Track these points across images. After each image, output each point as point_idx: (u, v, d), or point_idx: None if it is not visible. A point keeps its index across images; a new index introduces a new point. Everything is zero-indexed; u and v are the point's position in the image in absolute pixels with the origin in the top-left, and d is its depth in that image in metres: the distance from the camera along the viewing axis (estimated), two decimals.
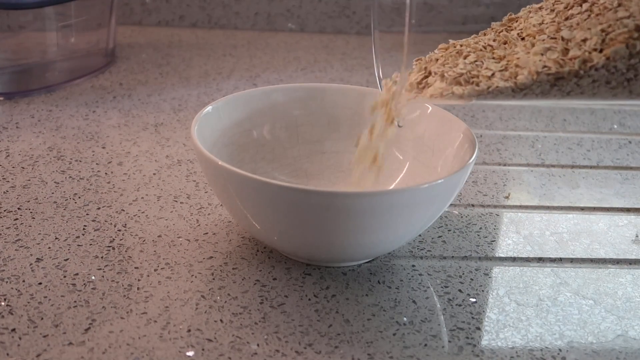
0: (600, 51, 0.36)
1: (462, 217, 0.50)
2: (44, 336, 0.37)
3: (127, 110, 0.64)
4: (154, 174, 0.53)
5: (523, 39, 0.40)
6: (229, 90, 0.69)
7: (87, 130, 0.60)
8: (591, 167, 0.59)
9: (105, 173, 0.53)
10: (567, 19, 0.39)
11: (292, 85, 0.51)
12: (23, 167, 0.53)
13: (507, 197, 0.53)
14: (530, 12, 0.42)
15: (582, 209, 0.52)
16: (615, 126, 0.66)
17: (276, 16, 0.88)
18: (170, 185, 0.52)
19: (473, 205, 0.52)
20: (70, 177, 0.52)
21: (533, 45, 0.38)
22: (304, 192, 0.38)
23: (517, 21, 0.42)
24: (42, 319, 0.38)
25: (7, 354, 0.36)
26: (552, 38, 0.38)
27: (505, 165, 0.58)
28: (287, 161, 0.50)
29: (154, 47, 0.81)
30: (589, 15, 0.38)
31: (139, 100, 0.66)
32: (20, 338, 0.37)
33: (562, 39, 0.37)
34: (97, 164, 0.54)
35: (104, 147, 0.57)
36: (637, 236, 0.49)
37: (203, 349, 0.37)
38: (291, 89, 0.51)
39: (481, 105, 0.69)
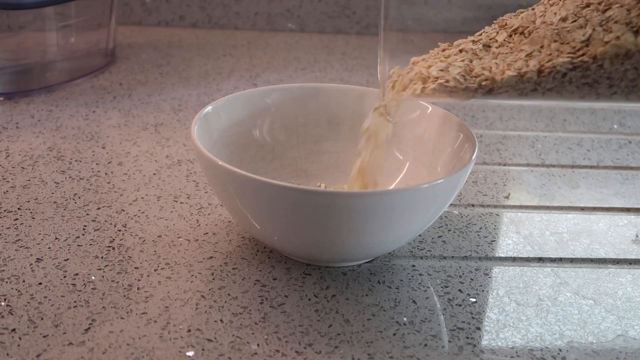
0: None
1: (462, 217, 0.50)
2: (44, 336, 0.37)
3: (127, 110, 0.64)
4: (154, 174, 0.53)
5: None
6: (229, 90, 0.69)
7: (87, 130, 0.60)
8: (591, 167, 0.59)
9: (105, 173, 0.53)
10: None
11: (292, 85, 0.51)
12: (23, 167, 0.53)
13: (507, 197, 0.53)
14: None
15: (582, 209, 0.52)
16: (615, 126, 0.66)
17: (276, 16, 0.88)
18: (170, 185, 0.52)
19: (473, 205, 0.52)
20: (70, 177, 0.52)
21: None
22: (304, 192, 0.38)
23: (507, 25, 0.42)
24: (42, 319, 0.38)
25: (7, 354, 0.36)
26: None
27: (505, 165, 0.58)
28: (287, 161, 0.50)
29: (154, 47, 0.81)
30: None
31: (139, 100, 0.66)
32: (20, 338, 0.37)
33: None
34: (97, 164, 0.54)
35: (104, 147, 0.57)
36: (637, 236, 0.49)
37: (203, 349, 0.37)
38: (291, 89, 0.51)
39: (481, 105, 0.69)
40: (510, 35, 0.40)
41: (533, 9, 0.42)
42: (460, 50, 0.41)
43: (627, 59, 0.36)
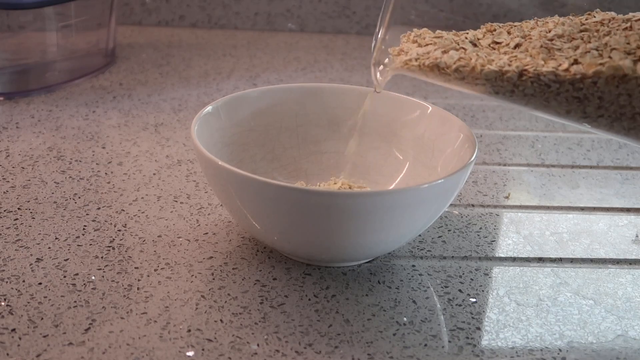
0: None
1: (462, 217, 0.50)
2: (44, 336, 0.37)
3: (127, 110, 0.64)
4: (154, 174, 0.53)
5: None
6: (229, 90, 0.69)
7: (87, 130, 0.60)
8: (591, 167, 0.59)
9: (105, 173, 0.53)
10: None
11: (292, 85, 0.51)
12: (23, 167, 0.53)
13: (507, 197, 0.53)
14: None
15: (582, 209, 0.52)
16: None
17: (276, 16, 0.88)
18: (170, 185, 0.52)
19: (473, 205, 0.52)
20: (70, 177, 0.52)
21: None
22: (304, 192, 0.38)
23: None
24: (42, 319, 0.38)
25: (7, 354, 0.36)
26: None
27: (505, 165, 0.58)
28: (287, 161, 0.50)
29: (154, 47, 0.81)
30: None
31: (139, 100, 0.66)
32: (20, 338, 0.37)
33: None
34: (97, 164, 0.54)
35: (104, 147, 0.57)
36: (637, 236, 0.49)
37: (203, 349, 0.37)
38: (291, 89, 0.51)
39: (481, 105, 0.69)
40: (494, 43, 0.41)
41: (521, 25, 0.42)
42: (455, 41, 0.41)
43: (623, 83, 0.36)
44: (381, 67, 0.43)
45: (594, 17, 0.41)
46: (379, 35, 0.43)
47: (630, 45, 0.37)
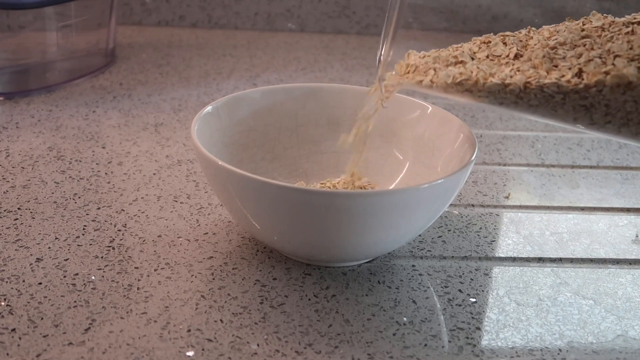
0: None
1: (462, 217, 0.50)
2: (44, 336, 0.37)
3: (127, 110, 0.64)
4: (154, 174, 0.53)
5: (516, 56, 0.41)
6: (229, 90, 0.69)
7: (87, 130, 0.60)
8: (591, 167, 0.59)
9: (105, 173, 0.53)
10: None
11: (292, 85, 0.51)
12: (23, 167, 0.53)
13: (507, 197, 0.53)
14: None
15: (582, 209, 0.52)
16: None
17: (276, 16, 0.88)
18: (170, 185, 0.52)
19: (473, 205, 0.52)
20: (70, 177, 0.52)
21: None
22: (304, 192, 0.38)
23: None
24: (42, 319, 0.38)
25: (7, 354, 0.36)
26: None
27: (505, 165, 0.58)
28: (287, 161, 0.50)
29: (154, 47, 0.81)
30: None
31: (139, 100, 0.66)
32: (20, 338, 0.37)
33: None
34: (97, 164, 0.54)
35: (104, 147, 0.57)
36: (637, 236, 0.49)
37: (203, 349, 0.37)
38: (291, 89, 0.51)
39: (481, 105, 0.69)
40: (492, 55, 0.41)
41: (515, 34, 0.42)
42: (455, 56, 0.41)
43: (629, 90, 0.36)
44: (385, 81, 0.43)
45: (591, 22, 0.41)
46: (384, 52, 0.43)
47: (634, 51, 0.37)
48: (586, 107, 0.37)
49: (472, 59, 0.40)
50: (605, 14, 0.41)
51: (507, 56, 0.40)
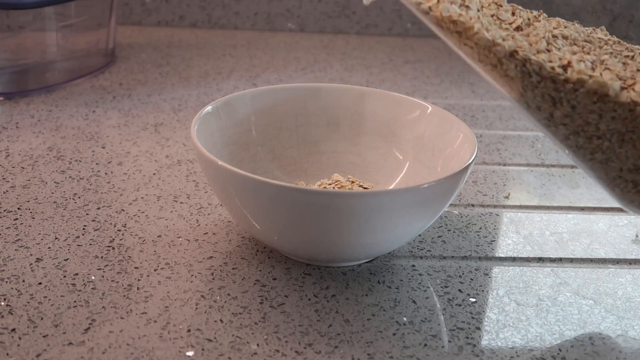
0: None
1: (462, 217, 0.50)
2: (44, 336, 0.37)
3: (127, 110, 0.64)
4: (154, 174, 0.53)
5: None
6: (229, 90, 0.69)
7: (87, 130, 0.60)
8: None
9: (105, 173, 0.53)
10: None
11: (292, 85, 0.51)
12: (23, 167, 0.53)
13: (507, 197, 0.53)
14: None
15: (582, 209, 0.52)
16: None
17: (276, 16, 0.88)
18: (170, 185, 0.52)
19: (473, 205, 0.52)
20: (70, 177, 0.52)
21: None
22: (304, 192, 0.38)
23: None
24: (42, 319, 0.38)
25: (7, 354, 0.36)
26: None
27: (505, 165, 0.58)
28: (287, 161, 0.50)
29: (154, 47, 0.81)
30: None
31: (138, 100, 0.66)
32: (20, 338, 0.37)
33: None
34: (97, 164, 0.54)
35: (103, 147, 0.57)
36: (637, 236, 0.49)
37: (203, 349, 0.37)
38: (291, 89, 0.51)
39: (481, 105, 0.69)
40: (497, 17, 0.40)
41: (526, 12, 0.42)
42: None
43: (601, 102, 0.36)
44: None
45: (597, 33, 0.42)
46: None
47: (625, 73, 0.37)
48: (554, 100, 0.37)
49: (478, 10, 0.40)
50: (612, 34, 0.42)
51: (510, 24, 0.40)
